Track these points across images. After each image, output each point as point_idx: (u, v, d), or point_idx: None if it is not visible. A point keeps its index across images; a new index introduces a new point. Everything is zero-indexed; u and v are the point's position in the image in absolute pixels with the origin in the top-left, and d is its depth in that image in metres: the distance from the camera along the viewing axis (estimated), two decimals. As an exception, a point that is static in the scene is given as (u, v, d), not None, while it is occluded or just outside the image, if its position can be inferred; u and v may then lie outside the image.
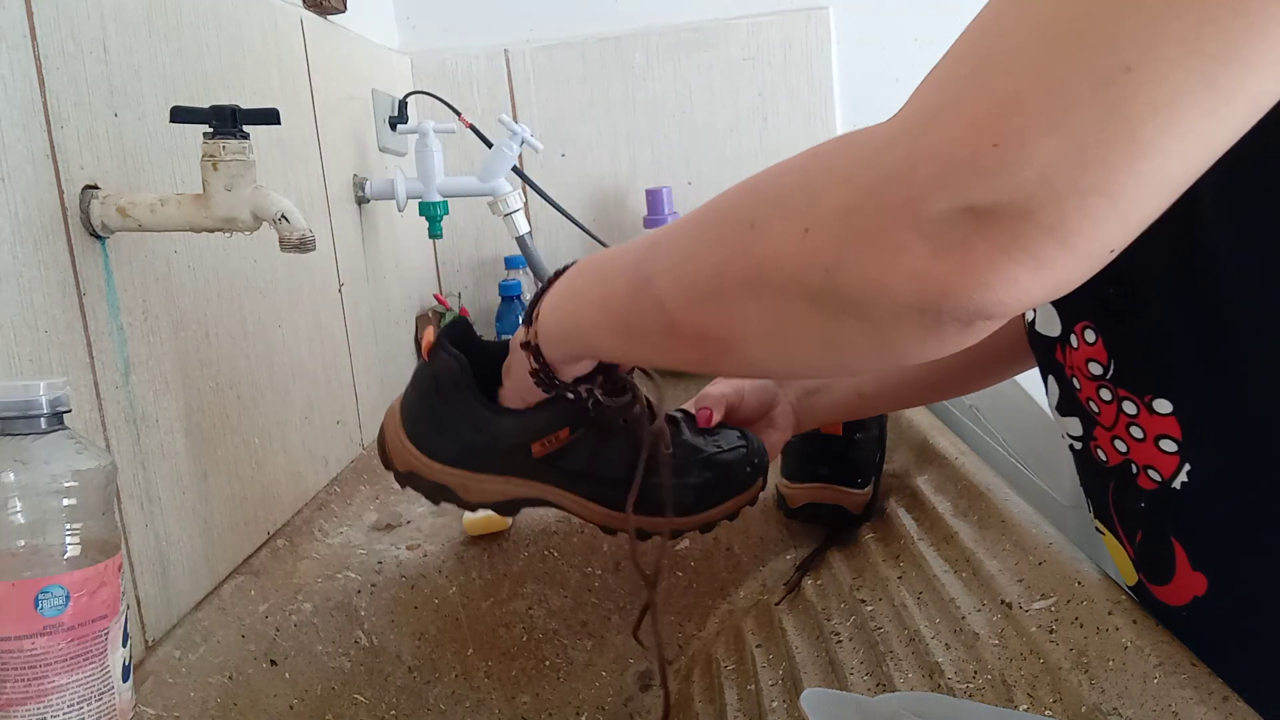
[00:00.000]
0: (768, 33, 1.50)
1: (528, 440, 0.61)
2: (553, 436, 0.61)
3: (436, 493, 0.63)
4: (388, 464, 0.64)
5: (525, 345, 0.56)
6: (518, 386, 0.60)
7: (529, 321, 0.56)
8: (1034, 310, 0.56)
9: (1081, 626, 0.57)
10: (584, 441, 0.61)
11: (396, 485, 0.64)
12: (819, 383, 0.77)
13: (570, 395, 0.59)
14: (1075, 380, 0.55)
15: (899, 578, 0.72)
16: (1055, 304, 0.55)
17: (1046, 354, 0.57)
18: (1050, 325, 0.56)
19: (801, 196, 0.37)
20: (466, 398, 0.60)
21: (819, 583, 0.79)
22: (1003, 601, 0.62)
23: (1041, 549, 0.65)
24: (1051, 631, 0.58)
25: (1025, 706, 0.54)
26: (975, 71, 0.32)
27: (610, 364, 0.60)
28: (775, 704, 0.66)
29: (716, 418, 0.72)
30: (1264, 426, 0.47)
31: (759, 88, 1.51)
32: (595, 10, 1.52)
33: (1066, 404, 0.57)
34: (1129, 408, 0.52)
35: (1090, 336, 0.53)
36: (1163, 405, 0.50)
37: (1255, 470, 0.48)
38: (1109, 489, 0.56)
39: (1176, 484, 0.51)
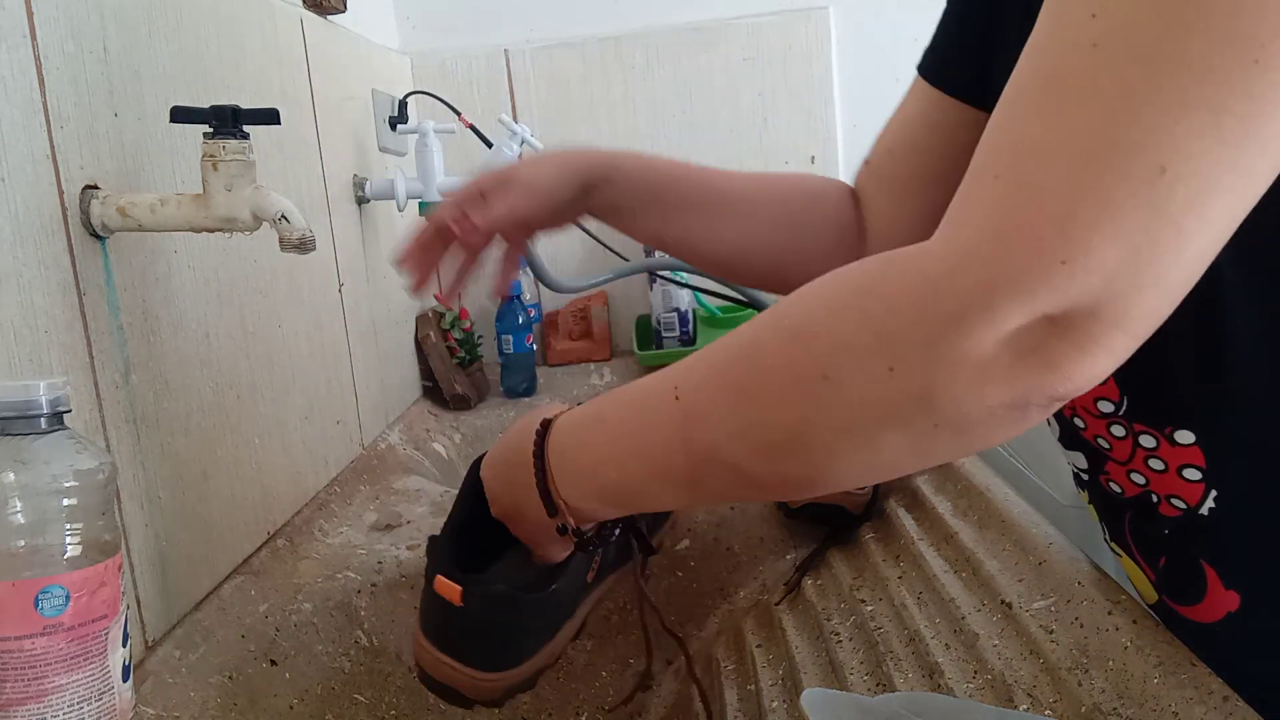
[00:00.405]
0: (768, 33, 1.50)
1: (584, 578, 0.60)
2: (595, 561, 0.61)
3: (534, 680, 0.60)
4: (472, 704, 0.59)
5: (562, 530, 0.52)
6: (554, 547, 0.57)
7: (553, 511, 0.51)
8: None
9: (1081, 626, 0.57)
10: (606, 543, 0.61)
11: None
12: (630, 206, 0.72)
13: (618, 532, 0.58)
14: (1078, 419, 0.54)
15: (899, 578, 0.72)
16: None
17: None
18: None
19: (873, 338, 0.38)
20: (523, 601, 0.57)
21: (819, 583, 0.79)
22: (1003, 601, 0.62)
23: (1041, 549, 0.65)
24: (1051, 631, 0.58)
25: (1025, 706, 0.54)
26: (1022, 192, 0.34)
27: None
28: (775, 704, 0.66)
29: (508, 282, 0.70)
30: None
31: (759, 88, 1.51)
32: (595, 10, 1.52)
33: (1069, 440, 0.57)
34: (1147, 441, 0.51)
35: None
36: (1185, 436, 0.50)
37: None
38: (1125, 518, 0.56)
39: (1204, 510, 0.50)
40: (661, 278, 1.45)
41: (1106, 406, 0.52)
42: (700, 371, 0.45)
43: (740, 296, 1.40)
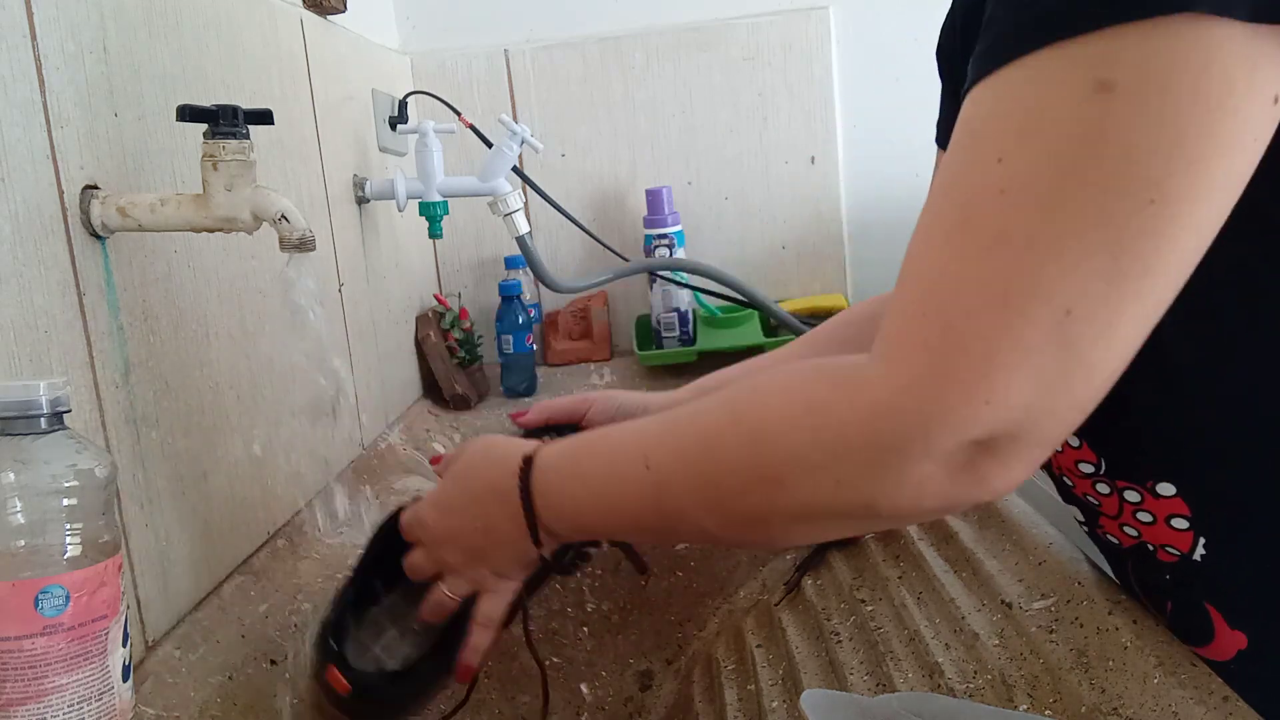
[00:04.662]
0: (768, 33, 1.50)
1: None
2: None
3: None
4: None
5: (541, 559, 0.58)
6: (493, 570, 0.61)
7: (539, 543, 0.57)
8: None
9: (1081, 626, 0.57)
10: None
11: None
12: None
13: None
14: (1066, 479, 0.55)
15: (899, 578, 0.72)
16: None
17: None
18: None
19: (823, 457, 0.43)
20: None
21: (819, 583, 0.79)
22: (1003, 601, 0.62)
23: (1041, 549, 0.65)
24: (1051, 631, 0.58)
25: (1025, 706, 0.54)
26: (948, 336, 0.39)
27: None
28: (775, 704, 0.66)
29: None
30: (1270, 488, 0.47)
31: (759, 88, 1.51)
32: (595, 10, 1.52)
33: (1064, 495, 0.57)
34: (1131, 496, 0.52)
35: (1074, 440, 0.53)
36: (1166, 488, 0.50)
37: (1271, 530, 0.48)
38: (1128, 566, 0.56)
39: (1196, 556, 0.51)
40: (661, 278, 1.45)
41: (1087, 468, 0.53)
42: (669, 448, 0.50)
43: (740, 296, 1.40)
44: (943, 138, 0.65)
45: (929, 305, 0.40)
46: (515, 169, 1.27)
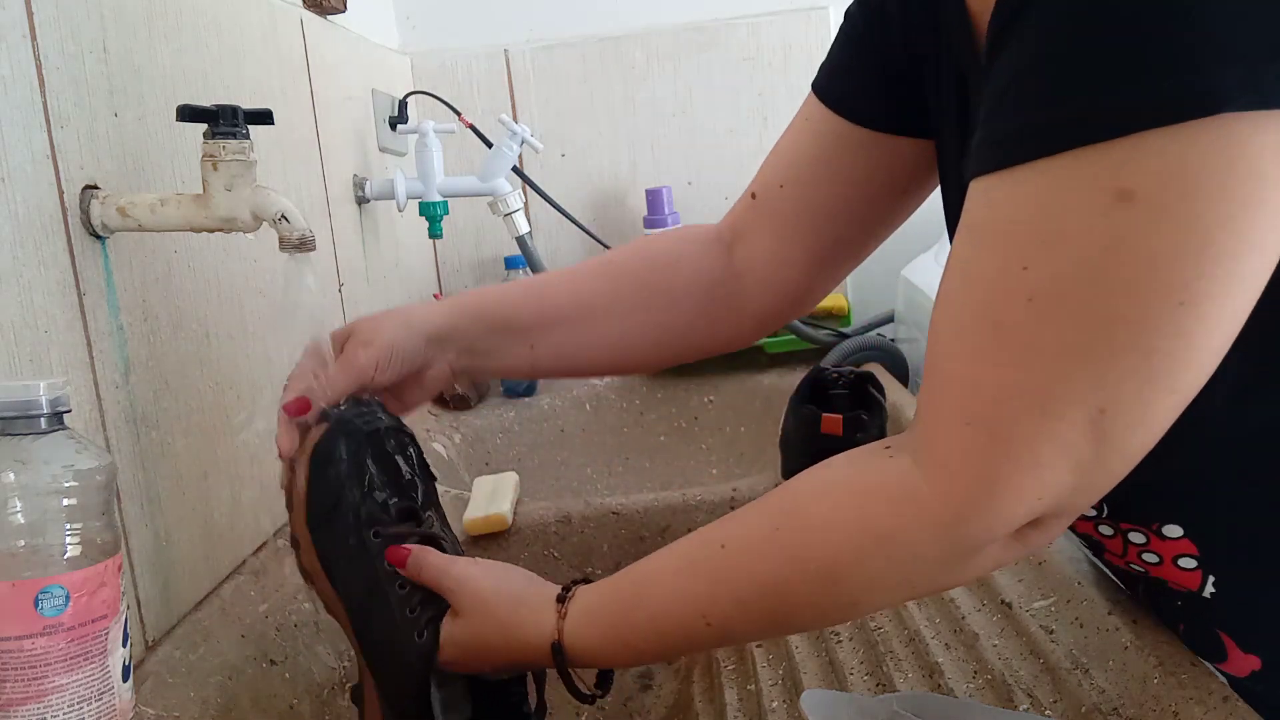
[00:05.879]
0: (768, 33, 1.50)
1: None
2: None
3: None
4: None
5: (578, 694, 0.56)
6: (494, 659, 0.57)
7: (584, 698, 0.56)
8: None
9: (1081, 626, 0.57)
10: None
11: None
12: (486, 346, 0.68)
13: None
14: None
15: (899, 578, 0.72)
16: None
17: None
18: None
19: (898, 574, 0.45)
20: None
21: (819, 583, 0.79)
22: (1003, 601, 0.62)
23: (1041, 549, 0.65)
24: (1051, 631, 0.58)
25: (1025, 706, 0.54)
26: (995, 445, 0.40)
27: None
28: (775, 704, 0.66)
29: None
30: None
31: (759, 88, 1.51)
32: (595, 10, 1.52)
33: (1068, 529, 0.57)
34: (1136, 538, 0.51)
35: None
36: (1173, 530, 0.49)
37: None
38: (1138, 589, 0.56)
39: (1206, 593, 0.50)
40: (661, 278, 1.45)
41: (1089, 511, 0.52)
42: (728, 603, 0.49)
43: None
44: (834, 90, 0.65)
45: (970, 413, 0.41)
46: (515, 169, 1.27)
